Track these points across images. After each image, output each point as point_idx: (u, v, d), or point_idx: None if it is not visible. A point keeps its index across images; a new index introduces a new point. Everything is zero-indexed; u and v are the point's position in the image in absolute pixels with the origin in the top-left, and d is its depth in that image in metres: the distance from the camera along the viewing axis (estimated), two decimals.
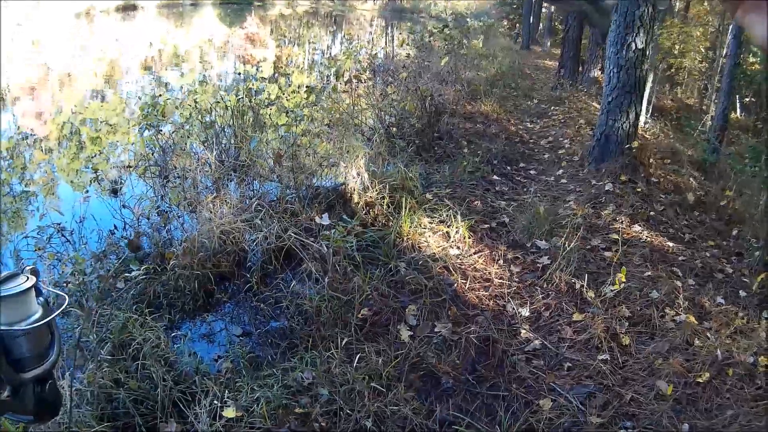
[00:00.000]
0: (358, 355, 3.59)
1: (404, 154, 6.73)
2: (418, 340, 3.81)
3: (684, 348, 3.72)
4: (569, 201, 5.91)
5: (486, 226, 5.25)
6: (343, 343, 3.68)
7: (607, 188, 6.03)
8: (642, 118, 7.76)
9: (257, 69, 9.91)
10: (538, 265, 4.71)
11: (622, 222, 5.47)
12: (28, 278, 1.03)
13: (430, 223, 5.11)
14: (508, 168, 6.87)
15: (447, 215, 5.12)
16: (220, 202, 4.94)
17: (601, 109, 6.72)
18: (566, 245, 4.70)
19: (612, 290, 4.21)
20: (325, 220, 4.66)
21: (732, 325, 3.95)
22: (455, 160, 6.75)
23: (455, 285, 4.36)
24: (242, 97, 6.62)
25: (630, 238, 5.17)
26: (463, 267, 4.60)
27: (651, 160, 6.71)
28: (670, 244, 5.24)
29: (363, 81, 7.20)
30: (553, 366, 3.74)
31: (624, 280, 4.19)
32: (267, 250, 4.57)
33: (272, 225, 4.63)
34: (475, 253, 4.81)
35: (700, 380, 3.38)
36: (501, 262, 4.73)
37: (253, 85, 7.29)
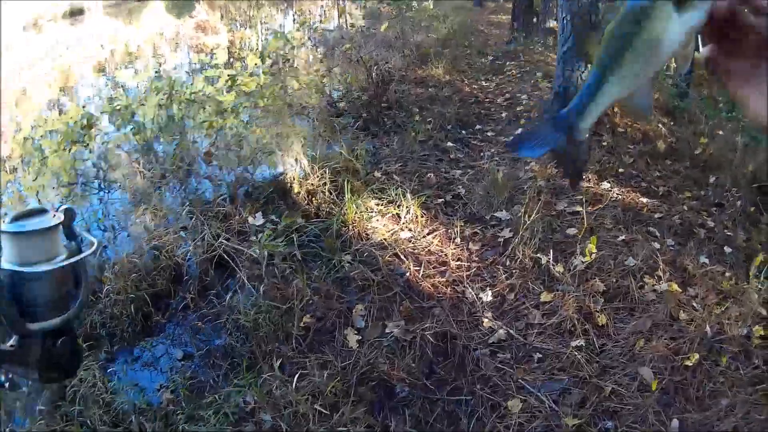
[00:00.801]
0: (300, 372, 3.11)
1: (349, 130, 6.19)
2: (367, 345, 3.33)
3: (668, 324, 3.26)
4: (530, 162, 5.40)
5: (440, 200, 4.73)
6: (285, 358, 3.21)
7: None
8: None
9: (211, 57, 9.40)
10: (499, 239, 4.21)
11: (589, 180, 4.98)
12: (54, 216, 0.92)
13: (378, 205, 4.57)
14: (463, 132, 6.34)
15: (396, 194, 4.59)
16: (150, 214, 4.36)
17: (557, 59, 6.20)
18: (529, 214, 4.21)
19: (583, 262, 3.73)
20: (259, 219, 4.12)
21: (720, 288, 3.50)
22: (406, 130, 6.20)
23: (407, 274, 3.85)
24: (174, 91, 5.95)
25: (599, 198, 4.69)
26: (415, 252, 4.09)
27: (615, 109, 6.22)
28: (644, 200, 4.78)
29: (290, 60, 6.55)
30: (521, 358, 3.27)
31: (595, 249, 3.71)
32: (201, 261, 4.01)
33: (204, 232, 4.07)
34: (429, 234, 4.30)
35: (688, 363, 2.93)
36: (458, 240, 4.22)
37: (208, 73, 6.87)
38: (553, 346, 3.31)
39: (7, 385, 0.93)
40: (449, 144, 5.91)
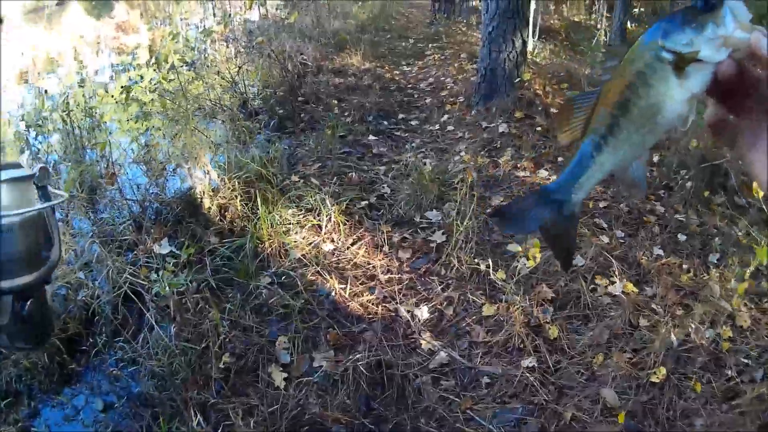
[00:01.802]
0: (224, 422, 2.62)
1: (264, 131, 5.66)
2: (295, 383, 2.86)
3: (628, 333, 2.90)
4: (459, 152, 5.01)
5: (364, 203, 4.26)
6: (207, 405, 2.73)
7: (501, 129, 5.16)
8: (530, 43, 6.89)
9: (133, 57, 9.37)
10: (431, 244, 3.78)
11: (525, 169, 4.61)
12: (27, 171, 0.88)
13: (297, 215, 4.08)
14: (386, 123, 5.89)
15: (315, 201, 4.10)
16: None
17: (482, 40, 5.80)
18: (461, 213, 3.80)
19: (526, 267, 3.33)
20: (164, 247, 3.55)
21: (679, 284, 3.17)
22: (324, 126, 5.70)
23: (332, 294, 3.38)
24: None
25: (537, 188, 4.30)
26: (340, 266, 3.62)
27: (547, 88, 5.88)
28: None
29: (188, 63, 5.93)
30: (467, 385, 2.86)
31: (539, 253, 3.31)
32: (111, 299, 3.43)
33: (108, 267, 3.48)
34: (353, 244, 3.83)
35: (655, 380, 2.56)
36: (386, 248, 3.78)
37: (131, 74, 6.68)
38: (502, 367, 2.90)
39: None
40: (371, 138, 5.44)
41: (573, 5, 12.39)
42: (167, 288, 3.02)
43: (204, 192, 4.25)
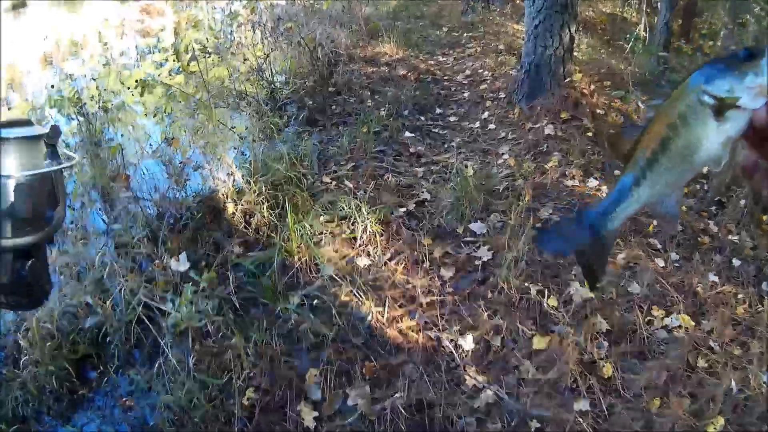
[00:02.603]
0: None
1: (293, 124, 5.38)
2: (327, 424, 2.58)
3: (686, 374, 2.61)
4: (503, 154, 4.68)
5: (402, 210, 3.96)
6: None
7: (547, 132, 4.82)
8: None
9: (158, 40, 9.40)
10: (476, 262, 3.47)
11: (573, 177, 4.28)
12: (37, 128, 0.88)
13: (329, 222, 3.79)
14: (422, 118, 5.56)
15: (349, 207, 3.81)
16: (57, 261, 3.47)
17: (527, 34, 5.43)
18: (509, 225, 3.51)
19: (581, 296, 3.02)
20: (183, 263, 3.28)
21: (735, 317, 2.89)
22: (357, 120, 5.40)
23: (369, 318, 3.09)
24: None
25: (588, 199, 4.00)
26: (377, 285, 3.33)
27: (592, 87, 5.51)
28: None
29: (209, 54, 5.62)
30: (515, 428, 2.57)
31: None
32: (120, 321, 3.17)
33: (121, 285, 3.22)
34: (391, 258, 3.54)
35: (712, 430, 2.27)
36: (427, 265, 3.47)
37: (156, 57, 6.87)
38: (553, 409, 2.61)
39: None
40: (407, 135, 5.12)
41: None
42: (183, 321, 2.75)
43: (228, 195, 3.97)
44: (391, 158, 4.70)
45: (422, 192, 4.17)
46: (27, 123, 0.90)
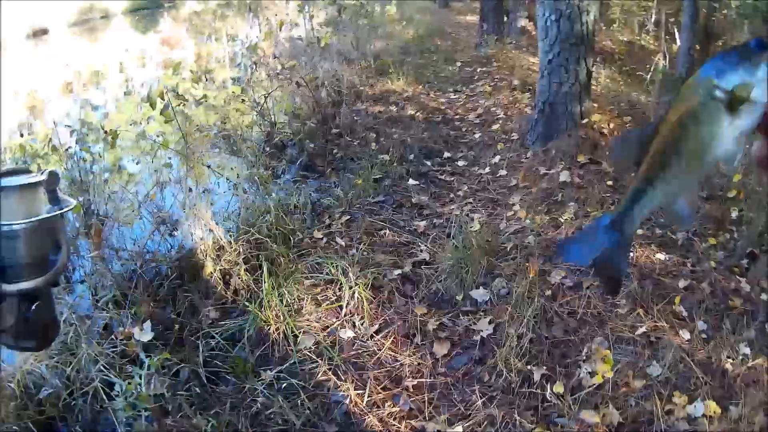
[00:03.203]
0: None
1: (292, 169, 5.06)
2: None
3: None
4: (513, 205, 4.26)
5: (397, 272, 3.55)
6: None
7: (562, 178, 4.39)
8: None
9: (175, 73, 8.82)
10: (474, 337, 3.04)
11: None
12: (37, 176, 0.89)
13: (314, 286, 3.40)
14: (428, 163, 5.17)
15: (337, 270, 3.41)
16: None
17: (540, 70, 5.04)
18: (514, 292, 3.08)
19: (590, 383, 2.58)
20: (146, 333, 2.91)
21: None
22: (359, 165, 5.03)
23: (346, 402, 2.67)
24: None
25: None
26: (359, 362, 2.92)
27: (611, 125, 5.08)
28: (661, 256, 3.64)
29: (186, 101, 5.29)
30: None
31: (608, 368, 2.55)
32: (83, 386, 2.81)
33: (84, 351, 2.86)
34: (378, 331, 3.13)
35: None
36: (419, 339, 3.05)
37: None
38: None
39: None
40: (411, 182, 4.73)
41: (623, 25, 11.40)
42: (129, 408, 2.37)
43: (207, 253, 3.60)
44: (391, 210, 4.30)
45: (421, 251, 3.76)
46: (25, 171, 0.90)
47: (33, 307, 0.88)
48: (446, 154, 5.38)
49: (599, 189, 4.25)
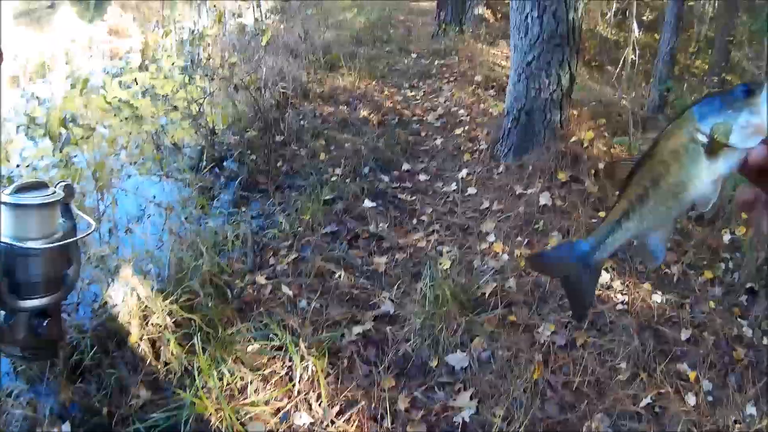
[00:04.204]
0: None
1: (230, 189, 4.43)
2: None
3: None
4: (487, 234, 3.71)
5: (357, 331, 2.97)
6: None
7: (542, 200, 3.86)
8: None
9: (125, 61, 9.45)
10: (455, 419, 2.49)
11: None
12: (54, 192, 0.89)
13: (259, 355, 2.79)
14: (386, 179, 4.57)
15: (285, 332, 2.81)
16: None
17: (514, 72, 4.46)
18: (499, 357, 2.56)
19: None
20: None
21: None
22: (307, 182, 4.42)
23: None
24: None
25: (602, 301, 3.06)
26: None
27: (591, 132, 4.56)
28: (658, 298, 3.18)
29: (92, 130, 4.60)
30: None
31: None
32: None
33: None
34: (339, 414, 2.54)
35: None
36: (388, 422, 2.49)
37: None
38: None
39: None
40: (367, 204, 4.14)
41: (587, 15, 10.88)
42: None
43: (131, 316, 2.94)
44: (346, 243, 3.70)
45: (383, 300, 3.17)
46: (42, 185, 0.89)
47: (45, 323, 0.88)
48: (405, 166, 4.80)
49: (584, 213, 3.74)
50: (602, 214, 3.81)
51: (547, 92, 4.24)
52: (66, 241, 0.88)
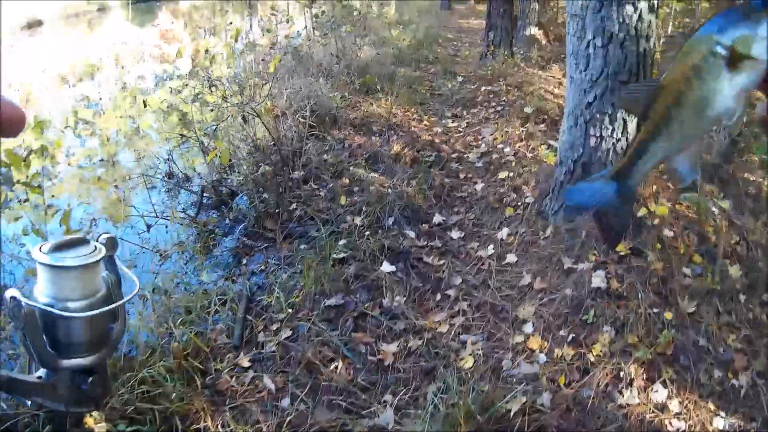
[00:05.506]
0: None
1: (235, 236, 3.89)
2: None
3: None
4: (524, 323, 3.03)
5: None
6: None
7: (595, 281, 3.13)
8: None
9: (175, 66, 9.12)
10: None
11: (630, 382, 2.64)
12: (96, 248, 0.85)
13: None
14: (412, 234, 3.92)
15: None
16: None
17: (572, 114, 3.73)
18: None
19: None
20: None
21: None
22: (320, 233, 3.82)
23: None
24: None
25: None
26: None
27: (653, 187, 3.83)
28: (721, 422, 2.49)
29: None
30: None
31: None
32: None
33: None
34: None
35: None
36: None
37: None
38: None
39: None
40: (386, 268, 3.49)
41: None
42: None
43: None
44: (351, 320, 3.07)
45: (383, 408, 2.53)
46: (83, 242, 0.85)
47: (89, 380, 0.84)
48: (437, 218, 4.14)
49: (644, 301, 3.02)
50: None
51: (610, 141, 3.53)
52: (111, 306, 0.83)
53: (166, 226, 4.35)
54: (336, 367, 2.74)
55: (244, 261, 3.78)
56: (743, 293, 3.19)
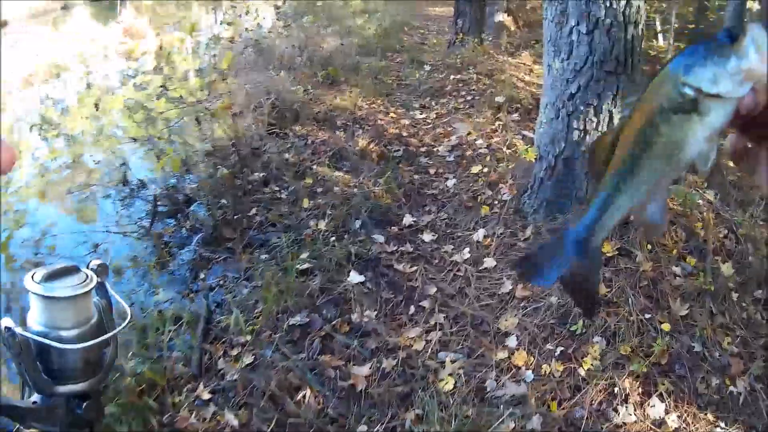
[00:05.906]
0: None
1: (191, 248, 3.59)
2: None
3: None
4: (506, 336, 2.79)
5: None
6: None
7: None
8: None
9: (140, 63, 9.22)
10: None
11: (626, 397, 2.42)
12: (87, 277, 0.83)
13: None
14: (381, 238, 3.65)
15: None
16: None
17: (552, 106, 3.48)
18: None
19: None
20: None
21: None
22: (280, 240, 3.53)
23: None
24: None
25: None
26: None
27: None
28: None
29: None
30: None
31: None
32: None
33: None
34: None
35: None
36: None
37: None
38: None
39: None
40: (353, 278, 3.22)
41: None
42: None
43: None
44: (318, 340, 2.80)
45: None
46: (74, 270, 0.82)
47: (84, 405, 0.84)
48: (407, 219, 3.87)
49: (634, 307, 2.80)
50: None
51: (595, 135, 3.29)
52: (105, 337, 0.82)
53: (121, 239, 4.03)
54: (304, 396, 2.47)
55: (202, 275, 3.49)
56: (735, 291, 3.01)
